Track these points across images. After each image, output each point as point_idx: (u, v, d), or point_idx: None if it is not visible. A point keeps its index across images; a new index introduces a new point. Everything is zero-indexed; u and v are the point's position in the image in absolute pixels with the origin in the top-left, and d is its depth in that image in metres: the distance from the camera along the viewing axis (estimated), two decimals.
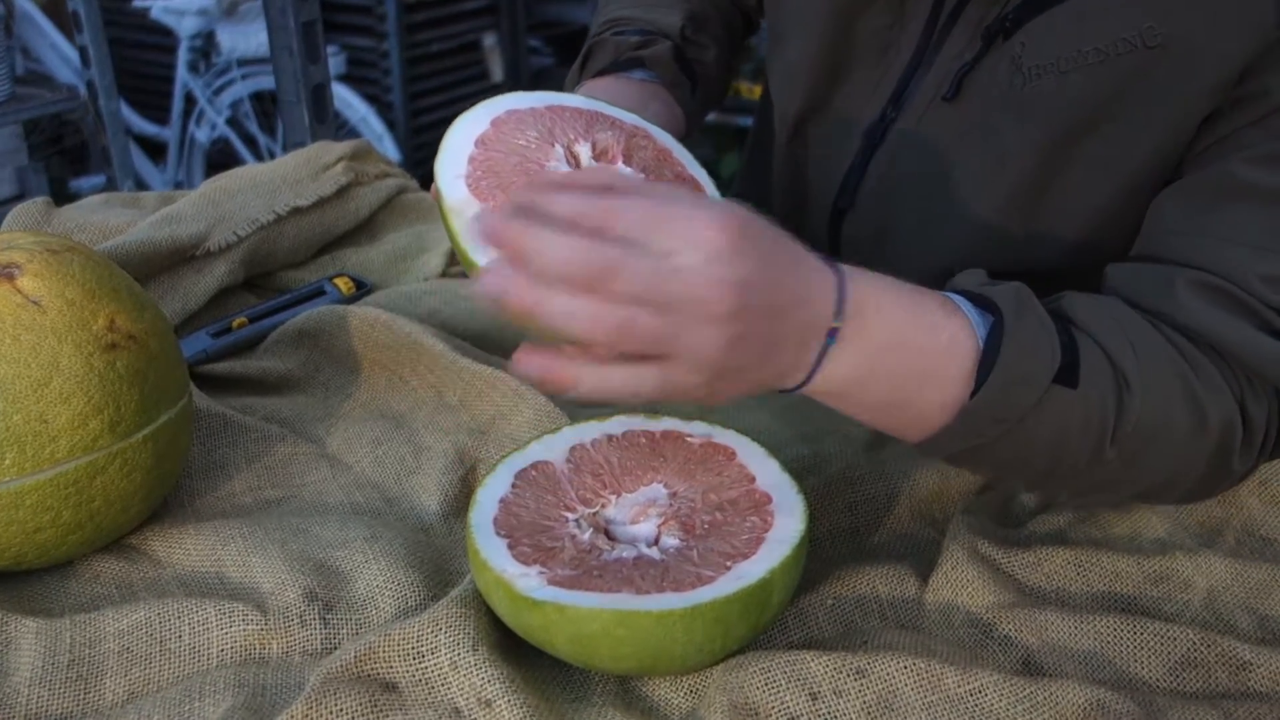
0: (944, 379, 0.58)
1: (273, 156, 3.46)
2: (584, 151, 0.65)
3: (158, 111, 3.69)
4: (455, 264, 1.07)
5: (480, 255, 0.58)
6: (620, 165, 0.65)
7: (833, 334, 0.55)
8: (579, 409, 0.87)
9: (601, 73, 0.92)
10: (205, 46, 3.46)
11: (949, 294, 0.61)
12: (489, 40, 3.77)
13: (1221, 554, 0.70)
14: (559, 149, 0.64)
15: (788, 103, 0.90)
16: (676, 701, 0.61)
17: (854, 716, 0.57)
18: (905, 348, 0.57)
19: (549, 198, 0.51)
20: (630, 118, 0.70)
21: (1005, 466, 0.66)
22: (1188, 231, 0.66)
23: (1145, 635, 0.63)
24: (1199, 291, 0.63)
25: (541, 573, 0.59)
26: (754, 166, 1.08)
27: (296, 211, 1.03)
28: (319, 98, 1.41)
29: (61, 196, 2.59)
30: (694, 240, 0.49)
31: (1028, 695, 0.57)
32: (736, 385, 0.54)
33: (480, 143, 0.63)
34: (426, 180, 1.17)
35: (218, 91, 3.45)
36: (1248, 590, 0.68)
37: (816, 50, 0.85)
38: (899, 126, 0.82)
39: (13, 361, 0.64)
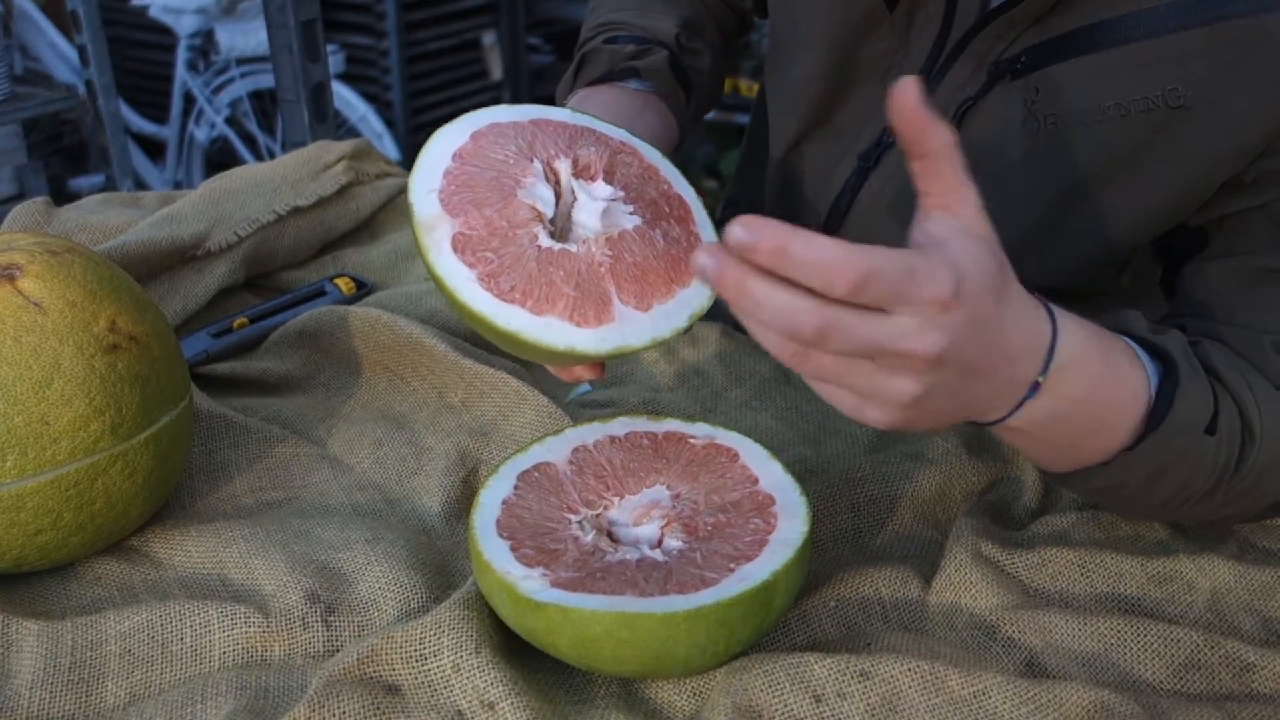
0: (1117, 429, 0.61)
1: (272, 155, 3.46)
2: (564, 168, 0.64)
3: (156, 110, 3.69)
4: None
5: (449, 276, 0.58)
6: (600, 183, 0.64)
7: (1035, 388, 0.56)
8: (580, 410, 0.87)
9: (595, 82, 0.92)
10: (204, 45, 3.45)
11: (1127, 340, 0.63)
12: (488, 38, 3.76)
13: (1224, 556, 0.70)
14: (538, 165, 0.63)
15: (788, 118, 0.90)
16: (680, 704, 0.61)
17: (858, 719, 0.57)
18: (1095, 400, 0.59)
19: (780, 244, 0.47)
20: (618, 133, 0.68)
21: (1126, 501, 0.68)
22: (1258, 304, 0.68)
23: (1149, 637, 0.63)
24: None
25: (544, 575, 0.59)
26: (747, 175, 1.08)
27: (297, 211, 1.03)
28: (319, 97, 1.41)
29: (60, 195, 2.59)
30: (910, 299, 0.48)
31: (1031, 697, 0.57)
32: (927, 423, 0.55)
33: (457, 156, 0.62)
34: None
35: (217, 90, 3.45)
36: (1251, 592, 0.67)
37: (820, 68, 0.84)
38: (894, 153, 0.82)
39: (14, 363, 0.64)
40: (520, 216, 0.61)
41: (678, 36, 0.95)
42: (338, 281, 1.01)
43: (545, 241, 0.60)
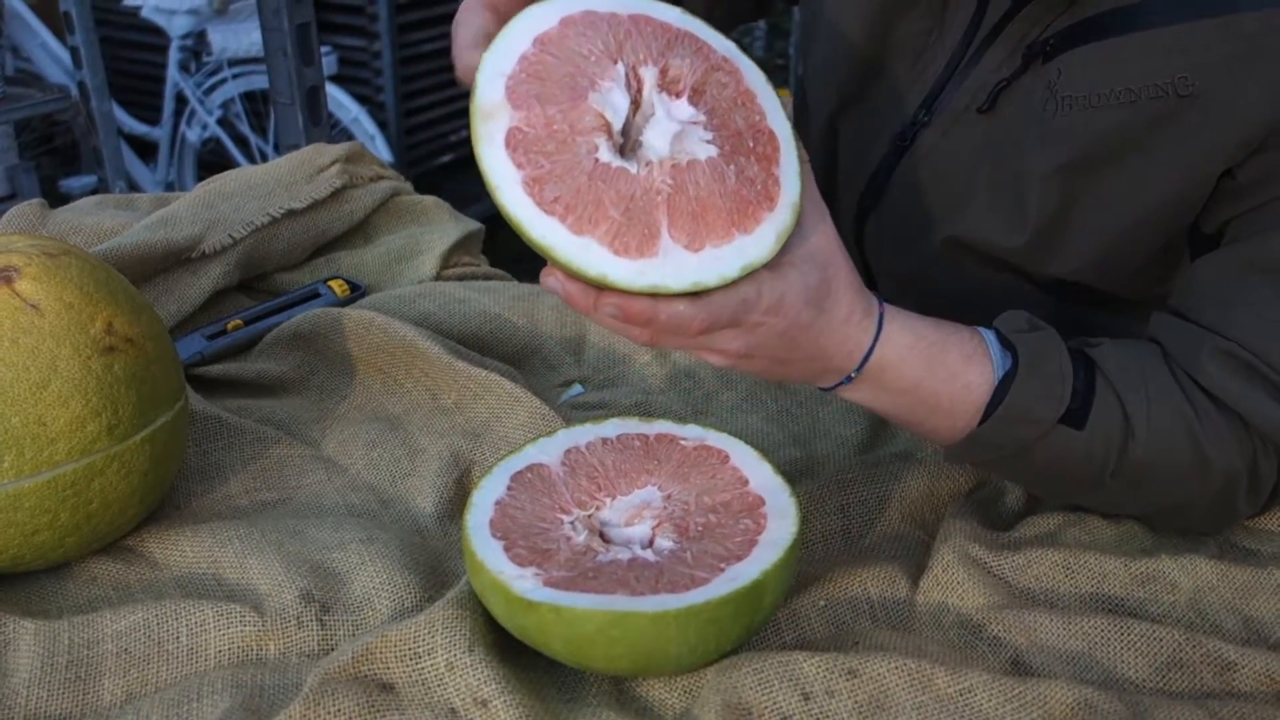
0: (955, 413, 0.69)
1: (264, 157, 3.46)
2: (649, 76, 0.59)
3: (148, 111, 3.68)
4: (449, 266, 1.08)
5: (494, 172, 0.55)
6: (683, 102, 0.59)
7: (848, 378, 0.67)
8: (572, 411, 0.88)
9: None
10: (196, 46, 3.45)
11: (984, 332, 0.70)
12: None
13: (1206, 556, 0.71)
14: (621, 69, 0.58)
15: (823, 96, 0.91)
16: (671, 702, 0.61)
17: (846, 716, 0.58)
18: (917, 392, 0.68)
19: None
20: (724, 45, 0.62)
21: (1015, 477, 0.77)
22: (1221, 299, 0.70)
23: (1132, 636, 0.64)
24: (1224, 361, 0.69)
25: (537, 574, 0.59)
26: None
27: (291, 214, 1.04)
28: (313, 100, 1.41)
29: (52, 196, 2.58)
30: (740, 322, 0.60)
31: (1016, 695, 0.58)
32: (763, 372, 0.66)
33: (539, 41, 0.58)
34: (419, 181, 1.18)
35: (209, 91, 3.45)
36: (1233, 591, 0.68)
37: (855, 47, 0.86)
38: (929, 132, 0.83)
39: (11, 365, 0.64)
40: (585, 123, 0.57)
41: None
42: (331, 284, 1.02)
43: (605, 155, 0.57)
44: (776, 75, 4.03)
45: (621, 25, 0.60)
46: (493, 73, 0.57)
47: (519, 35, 0.58)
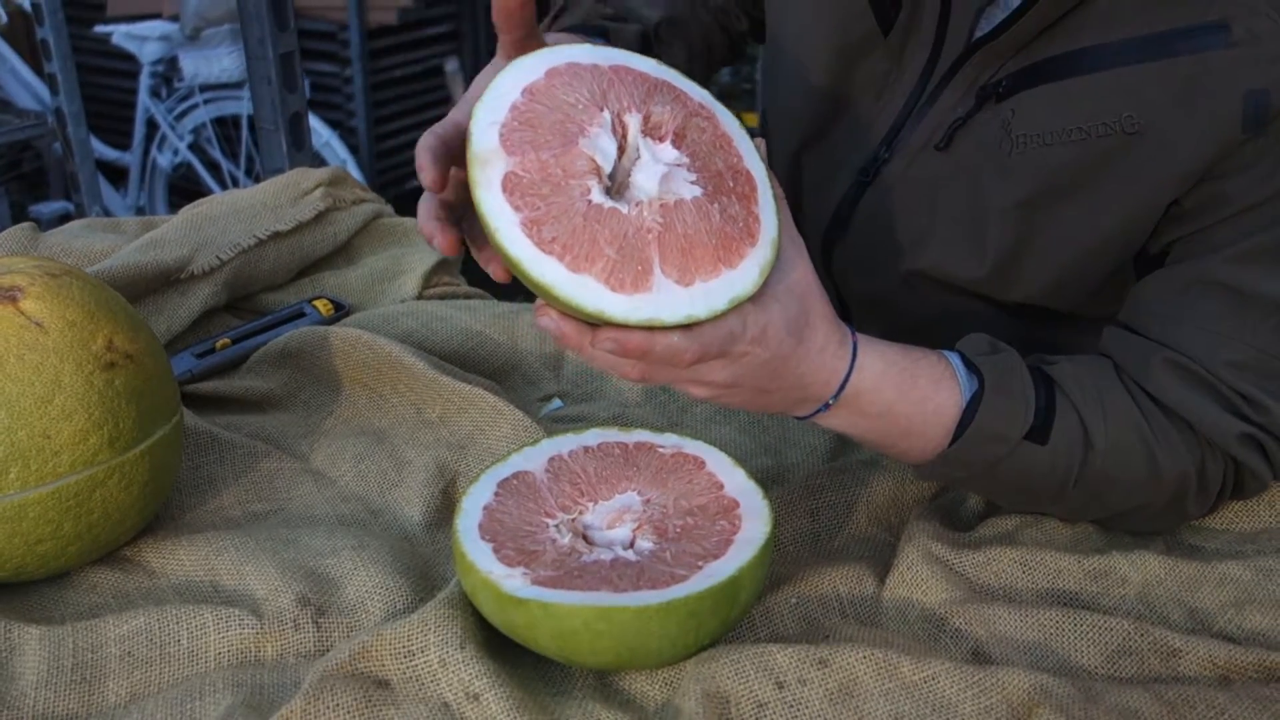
0: (926, 435, 0.73)
1: (236, 182, 3.47)
2: (633, 123, 0.62)
3: (119, 136, 3.69)
4: (431, 286, 1.11)
5: (493, 215, 0.57)
6: (667, 145, 0.62)
7: (826, 405, 0.70)
8: (552, 425, 0.91)
9: (567, 30, 0.95)
10: (167, 72, 3.47)
11: (950, 355, 0.74)
12: (451, 65, 3.81)
13: (1154, 552, 0.75)
14: (607, 115, 0.61)
15: (788, 132, 0.96)
16: (652, 693, 0.65)
17: (817, 703, 0.61)
18: (891, 415, 0.71)
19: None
20: (699, 94, 0.66)
21: (983, 491, 0.81)
22: (1166, 314, 0.75)
23: (1084, 627, 0.68)
24: (1172, 371, 0.73)
25: (525, 574, 0.63)
26: None
27: (276, 236, 1.07)
28: (296, 125, 1.45)
29: (21, 222, 2.58)
30: (727, 353, 0.63)
31: (977, 681, 0.62)
32: (739, 406, 0.69)
33: (528, 92, 0.60)
34: (394, 203, 1.21)
35: (180, 116, 3.47)
36: (1179, 584, 0.73)
37: (816, 88, 0.90)
38: (890, 168, 0.88)
39: (17, 380, 0.67)
40: (577, 166, 0.60)
41: (657, 27, 0.99)
42: (316, 303, 1.05)
43: (597, 197, 0.59)
44: (742, 100, 4.09)
45: (604, 75, 0.63)
46: (486, 122, 0.59)
47: (508, 86, 0.61)
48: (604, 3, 0.98)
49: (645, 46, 0.97)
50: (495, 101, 0.60)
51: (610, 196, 0.60)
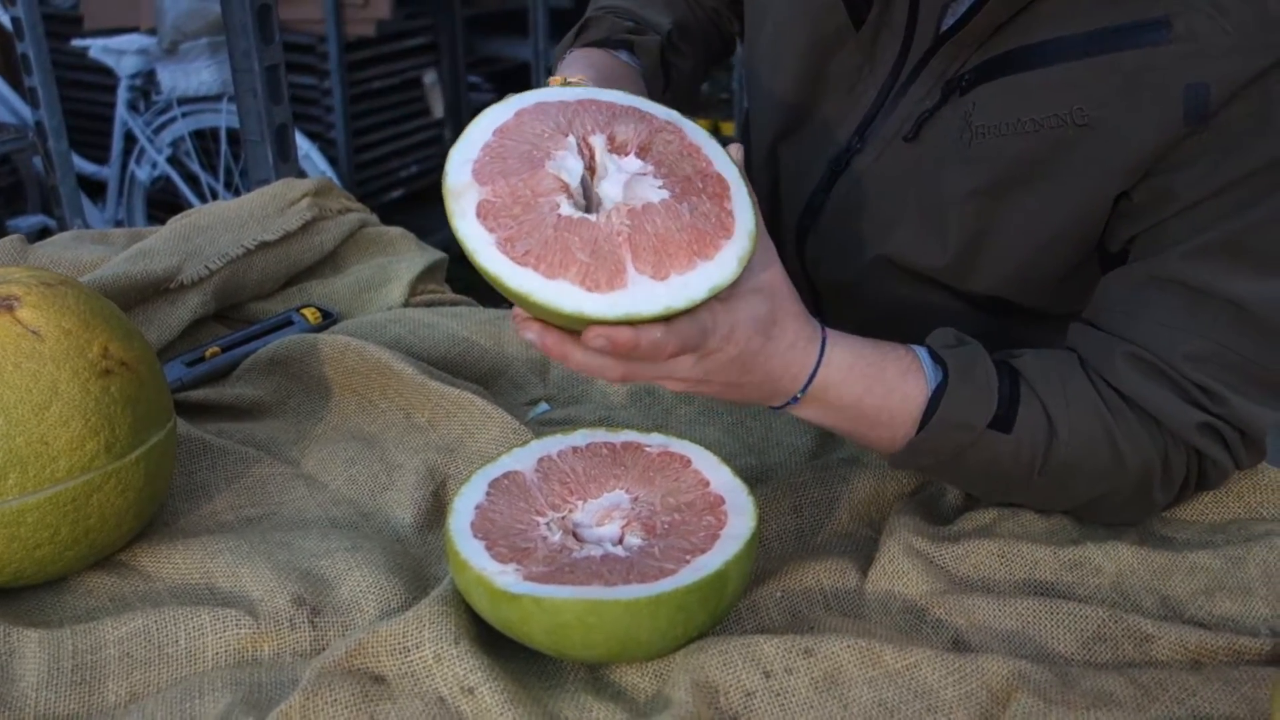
0: (894, 425, 0.75)
1: (214, 194, 3.47)
2: (598, 143, 0.66)
3: (97, 150, 3.69)
4: (417, 294, 1.12)
5: (469, 239, 0.61)
6: (630, 158, 0.66)
7: (795, 398, 0.73)
8: (540, 428, 0.93)
9: (592, 45, 0.99)
10: (145, 85, 3.46)
11: (918, 349, 0.77)
12: (429, 77, 3.82)
13: (1128, 542, 0.77)
14: (572, 140, 0.66)
15: (765, 124, 0.99)
16: (643, 685, 0.66)
17: (804, 691, 0.63)
18: (859, 407, 0.74)
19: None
20: (666, 114, 0.70)
21: (953, 480, 0.84)
22: (1127, 309, 0.78)
23: (1061, 615, 0.70)
24: (1134, 364, 0.76)
25: (518, 570, 0.64)
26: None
27: (264, 246, 1.08)
28: (282, 137, 1.46)
29: None
30: (700, 349, 0.66)
31: (957, 668, 0.64)
32: (718, 394, 0.72)
33: (498, 131, 0.65)
34: (376, 214, 1.23)
35: (158, 130, 3.46)
36: (1151, 573, 0.75)
37: (791, 81, 0.93)
38: (861, 158, 0.91)
39: (15, 387, 0.68)
40: (544, 186, 0.64)
41: (670, 33, 1.04)
42: (304, 312, 1.06)
43: (566, 210, 0.63)
44: (719, 110, 4.13)
45: (570, 107, 0.68)
46: (459, 161, 0.64)
47: (481, 130, 0.66)
48: (622, 17, 1.02)
49: (663, 54, 1.02)
50: (469, 143, 0.65)
51: (583, 210, 0.64)
